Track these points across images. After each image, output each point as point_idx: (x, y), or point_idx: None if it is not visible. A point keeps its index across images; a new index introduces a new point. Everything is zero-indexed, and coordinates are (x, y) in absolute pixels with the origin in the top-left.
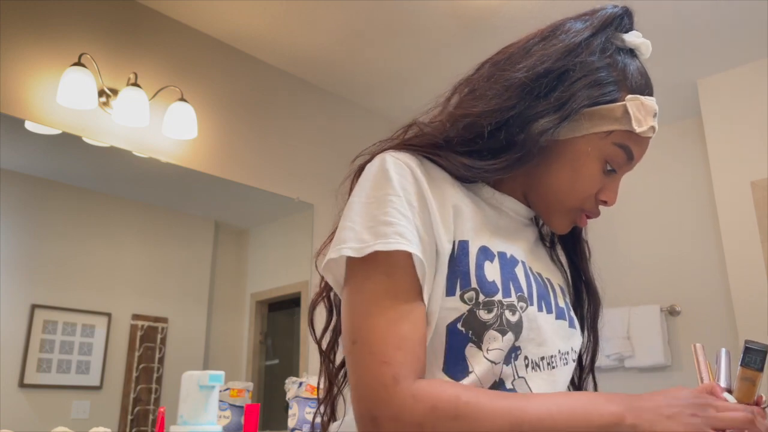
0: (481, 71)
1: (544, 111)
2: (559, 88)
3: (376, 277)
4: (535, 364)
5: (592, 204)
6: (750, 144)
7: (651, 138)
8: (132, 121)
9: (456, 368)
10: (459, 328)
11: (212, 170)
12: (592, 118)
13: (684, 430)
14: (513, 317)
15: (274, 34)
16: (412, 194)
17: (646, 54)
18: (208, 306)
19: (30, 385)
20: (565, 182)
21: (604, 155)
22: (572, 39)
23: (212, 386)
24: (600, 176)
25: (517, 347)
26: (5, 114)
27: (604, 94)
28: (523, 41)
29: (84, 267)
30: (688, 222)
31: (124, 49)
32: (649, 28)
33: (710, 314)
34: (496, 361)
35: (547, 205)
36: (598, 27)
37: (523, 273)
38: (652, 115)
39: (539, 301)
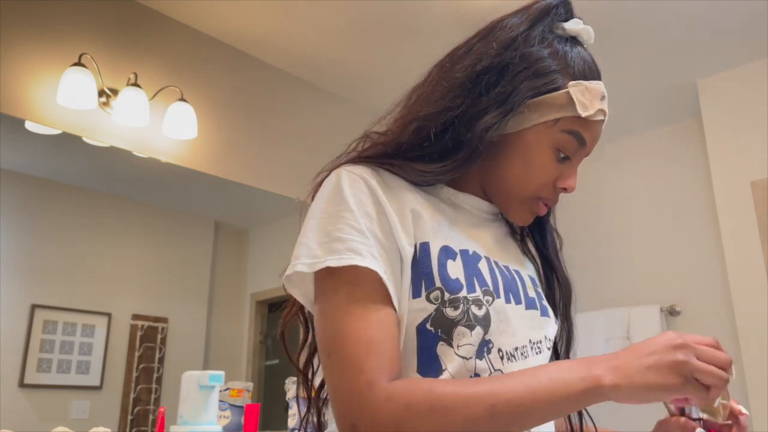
0: (429, 76)
1: (487, 108)
2: (500, 84)
3: (343, 290)
4: (510, 356)
5: (549, 192)
6: (750, 144)
7: (603, 121)
8: (132, 121)
9: (429, 368)
10: (428, 328)
11: (212, 170)
12: (538, 108)
13: (663, 381)
14: (479, 311)
15: (274, 34)
16: (369, 205)
17: (588, 40)
18: (208, 306)
19: (30, 385)
20: (518, 174)
21: (554, 143)
22: (509, 33)
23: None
24: (553, 165)
25: (488, 341)
26: (5, 114)
27: (546, 84)
28: (466, 42)
29: (84, 267)
30: (688, 222)
31: (124, 49)
32: (649, 28)
33: (710, 314)
34: (467, 356)
35: (503, 198)
36: (535, 19)
37: (487, 267)
38: (599, 99)
39: (506, 293)
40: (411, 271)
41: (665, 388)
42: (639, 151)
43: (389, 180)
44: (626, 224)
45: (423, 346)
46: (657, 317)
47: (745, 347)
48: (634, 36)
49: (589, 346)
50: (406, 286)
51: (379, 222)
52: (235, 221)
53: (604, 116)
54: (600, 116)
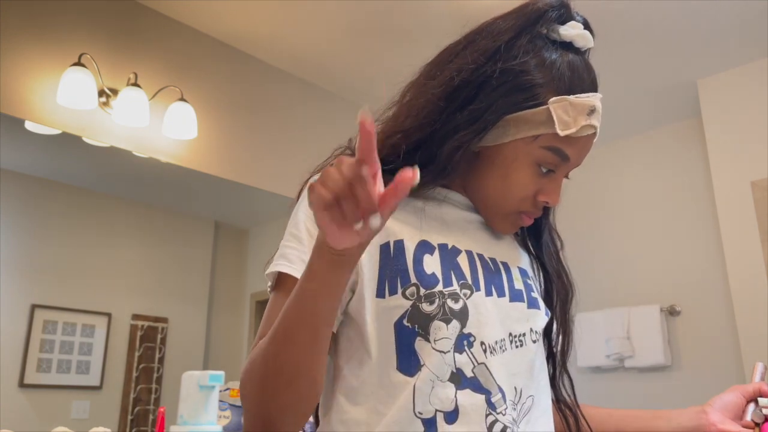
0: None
1: (460, 125)
2: (477, 99)
3: (273, 292)
4: (492, 349)
5: (530, 206)
6: (750, 144)
7: (593, 135)
8: (132, 121)
9: (408, 364)
10: (405, 324)
11: (212, 170)
12: (518, 124)
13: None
14: (456, 305)
15: (274, 34)
16: (303, 212)
17: (585, 45)
18: (208, 306)
19: (30, 385)
20: (497, 188)
21: (534, 159)
22: (493, 43)
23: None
24: (532, 180)
25: (468, 334)
26: (5, 114)
27: (527, 99)
28: (452, 47)
29: (84, 267)
30: (688, 222)
31: (124, 49)
32: (649, 28)
33: (710, 314)
34: (444, 350)
35: (484, 210)
36: (524, 24)
37: (467, 261)
38: (586, 114)
39: (488, 285)
40: (381, 270)
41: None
42: (639, 151)
43: None
44: (626, 224)
45: (401, 343)
46: (657, 317)
47: (745, 347)
48: (635, 36)
49: (590, 346)
50: (368, 285)
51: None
52: (235, 221)
53: (592, 131)
54: (586, 131)
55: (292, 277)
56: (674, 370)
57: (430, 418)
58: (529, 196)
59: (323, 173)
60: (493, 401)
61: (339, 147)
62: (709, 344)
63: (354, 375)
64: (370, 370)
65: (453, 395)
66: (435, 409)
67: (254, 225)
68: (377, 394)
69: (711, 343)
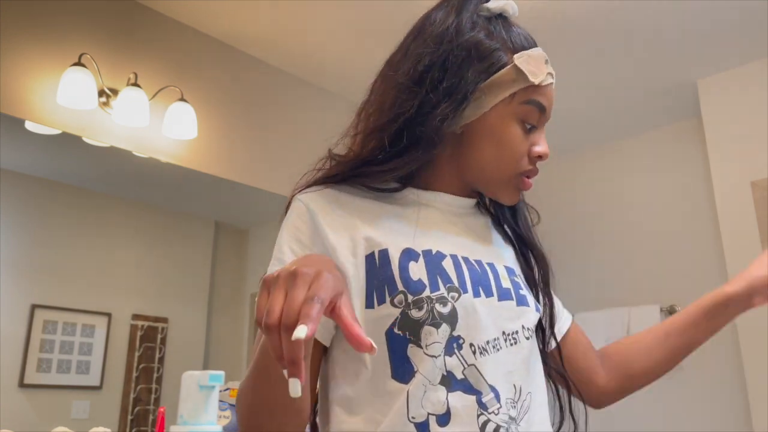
0: (374, 89)
1: (438, 102)
2: (446, 78)
3: None
4: (482, 349)
5: (527, 163)
6: (750, 144)
7: (553, 83)
8: (132, 121)
9: (403, 371)
10: (396, 332)
11: (212, 170)
12: (492, 90)
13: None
14: (445, 309)
15: (274, 34)
16: (303, 232)
17: (514, 13)
18: (208, 306)
19: (30, 385)
20: (493, 156)
21: (518, 117)
22: (440, 27)
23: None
24: (523, 137)
25: (457, 336)
26: (5, 114)
27: (493, 64)
28: (400, 46)
29: (84, 267)
30: (688, 222)
31: (124, 49)
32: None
33: None
34: (435, 355)
35: (486, 184)
36: (459, 7)
37: (452, 265)
38: (544, 62)
39: (475, 287)
40: (368, 281)
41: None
42: (639, 151)
43: (344, 198)
44: (626, 224)
45: (394, 350)
46: (657, 317)
47: (745, 347)
48: (634, 36)
49: None
50: (356, 296)
51: (312, 248)
52: (235, 221)
53: (552, 79)
54: (550, 79)
55: None
56: (674, 370)
57: (423, 421)
58: (524, 154)
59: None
60: (484, 401)
61: (322, 158)
62: (709, 344)
63: (350, 385)
64: (366, 379)
65: (444, 398)
66: (427, 413)
67: (254, 225)
68: (374, 403)
69: (711, 343)
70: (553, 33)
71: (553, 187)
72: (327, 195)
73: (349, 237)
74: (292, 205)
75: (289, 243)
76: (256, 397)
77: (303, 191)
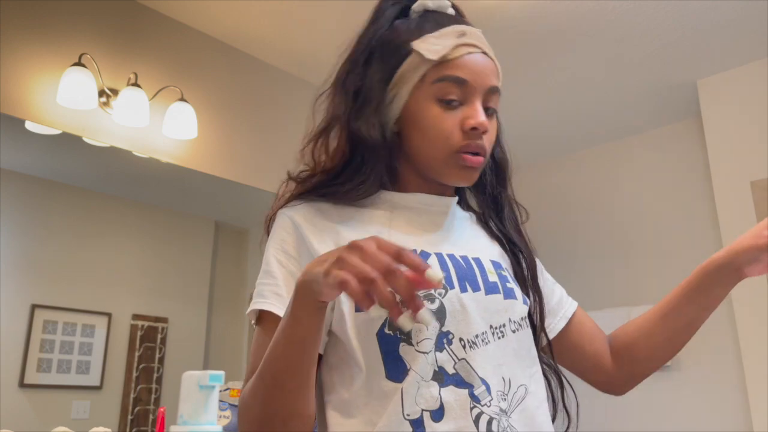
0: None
1: (360, 109)
2: (362, 84)
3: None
4: (472, 343)
5: (460, 138)
6: (750, 144)
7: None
8: (132, 121)
9: (396, 370)
10: (387, 332)
11: (212, 170)
12: (402, 80)
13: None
14: (433, 305)
15: (274, 34)
16: (289, 243)
17: (439, 7)
18: (208, 306)
19: (30, 385)
20: (422, 141)
21: (432, 96)
22: (356, 41)
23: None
24: (443, 114)
25: (446, 332)
26: (5, 114)
27: (397, 58)
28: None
29: (84, 267)
30: (688, 222)
31: (124, 49)
32: (649, 28)
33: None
34: (426, 351)
35: (430, 170)
36: (374, 16)
37: (437, 262)
38: (455, 36)
39: (461, 282)
40: None
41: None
42: (639, 151)
43: (325, 207)
44: (626, 224)
45: (386, 351)
46: None
47: (745, 347)
48: (634, 36)
49: None
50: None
51: (299, 257)
52: (235, 221)
53: (472, 49)
54: (463, 51)
55: (271, 312)
56: (674, 370)
57: (417, 418)
58: (453, 129)
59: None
60: (476, 394)
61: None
62: (709, 344)
63: (346, 389)
64: (361, 382)
65: (437, 393)
66: (421, 409)
67: (254, 225)
68: (370, 404)
69: (711, 343)
70: (553, 33)
71: (553, 187)
72: (309, 206)
73: (333, 243)
74: (276, 219)
75: (275, 255)
76: (267, 408)
77: (285, 206)
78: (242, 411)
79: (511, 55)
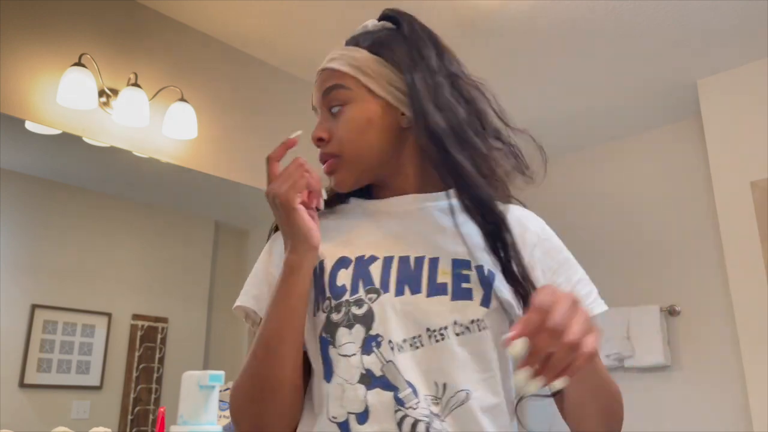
0: None
1: None
2: None
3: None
4: (400, 347)
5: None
6: (750, 144)
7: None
8: (132, 121)
9: (327, 371)
10: (324, 335)
11: (212, 170)
12: None
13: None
14: (360, 310)
15: (274, 34)
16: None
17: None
18: (208, 306)
19: (30, 385)
20: None
21: None
22: None
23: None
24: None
25: (375, 335)
26: (5, 114)
27: None
28: None
29: (84, 267)
30: (688, 222)
31: (124, 49)
32: (649, 28)
33: (710, 314)
34: (349, 354)
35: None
36: None
37: (381, 266)
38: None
39: (399, 286)
40: (313, 291)
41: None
42: (639, 150)
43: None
44: (626, 224)
45: (323, 353)
46: (657, 317)
47: (745, 347)
48: (634, 36)
49: None
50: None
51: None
52: (235, 221)
53: (316, 77)
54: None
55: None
56: (674, 370)
57: (344, 421)
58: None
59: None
60: (401, 397)
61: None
62: (708, 344)
63: (314, 389)
64: (315, 384)
65: (363, 396)
66: (347, 412)
67: (254, 225)
68: (319, 404)
69: (711, 343)
70: (553, 33)
71: (552, 187)
72: None
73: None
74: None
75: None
76: (257, 381)
77: None
78: (233, 393)
79: (511, 55)
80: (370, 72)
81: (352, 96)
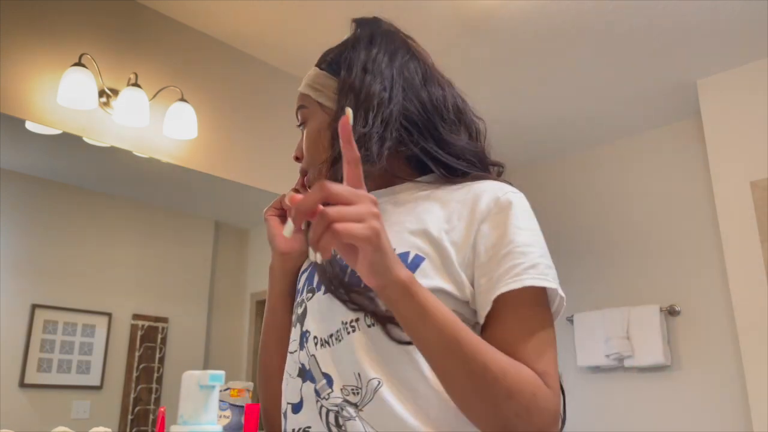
0: None
1: None
2: None
3: None
4: (324, 342)
5: None
6: (750, 144)
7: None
8: (132, 121)
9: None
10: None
11: (212, 170)
12: None
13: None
14: (299, 310)
15: (274, 34)
16: None
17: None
18: (208, 306)
19: (30, 385)
20: None
21: None
22: None
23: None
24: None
25: (306, 332)
26: (5, 114)
27: None
28: None
29: (84, 267)
30: (688, 222)
31: (124, 49)
32: (649, 28)
33: (710, 314)
34: (292, 351)
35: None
36: None
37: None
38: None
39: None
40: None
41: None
42: (639, 151)
43: None
44: (626, 224)
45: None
46: (657, 317)
47: (745, 347)
48: (634, 36)
49: (589, 346)
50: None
51: None
52: (235, 221)
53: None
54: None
55: None
56: (674, 370)
57: (285, 411)
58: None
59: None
60: (317, 388)
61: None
62: (708, 344)
63: None
64: None
65: (299, 388)
66: (287, 402)
67: (254, 225)
68: None
69: (711, 343)
70: (553, 33)
71: (552, 187)
72: None
73: None
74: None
75: None
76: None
77: None
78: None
79: (512, 56)
80: (319, 87)
81: (309, 113)
